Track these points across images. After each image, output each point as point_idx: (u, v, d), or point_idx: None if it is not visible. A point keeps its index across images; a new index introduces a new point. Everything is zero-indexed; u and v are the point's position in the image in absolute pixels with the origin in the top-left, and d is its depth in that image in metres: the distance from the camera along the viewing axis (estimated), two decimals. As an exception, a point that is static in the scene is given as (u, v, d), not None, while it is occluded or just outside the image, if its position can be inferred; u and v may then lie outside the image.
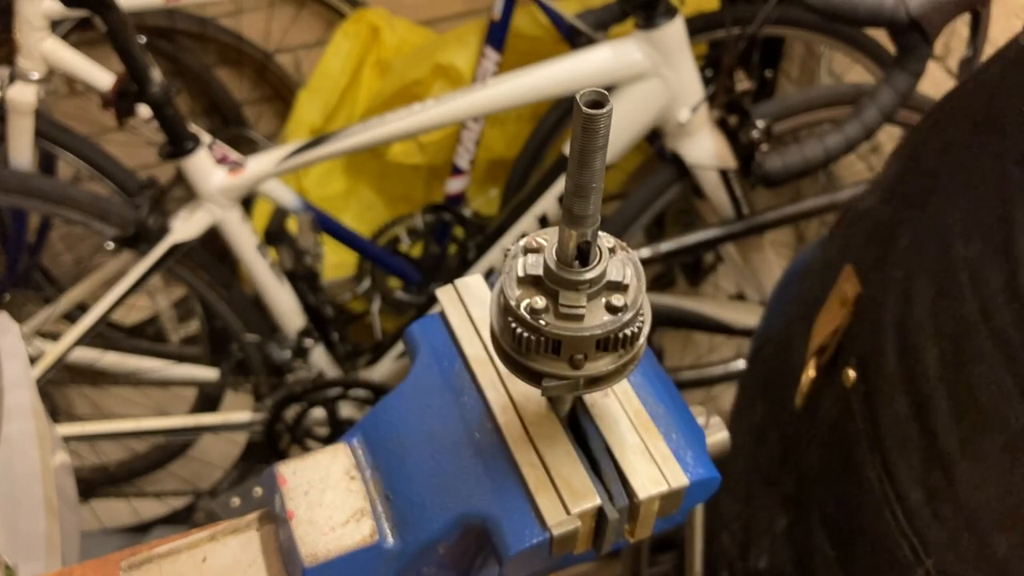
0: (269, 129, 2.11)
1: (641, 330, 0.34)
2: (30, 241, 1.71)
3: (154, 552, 0.42)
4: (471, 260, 1.54)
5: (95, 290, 1.52)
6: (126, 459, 1.81)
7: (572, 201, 0.31)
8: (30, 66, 1.37)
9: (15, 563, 0.60)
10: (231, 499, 1.30)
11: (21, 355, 0.71)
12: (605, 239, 0.34)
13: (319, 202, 1.64)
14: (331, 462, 0.41)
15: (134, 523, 1.75)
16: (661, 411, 0.41)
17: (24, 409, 0.68)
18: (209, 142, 1.34)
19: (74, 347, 1.45)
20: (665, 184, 1.41)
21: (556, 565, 0.41)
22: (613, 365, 0.34)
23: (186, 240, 1.37)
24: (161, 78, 1.25)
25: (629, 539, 0.39)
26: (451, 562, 0.41)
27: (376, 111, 1.65)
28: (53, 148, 1.51)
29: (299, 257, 1.49)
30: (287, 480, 0.40)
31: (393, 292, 1.68)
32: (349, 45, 1.82)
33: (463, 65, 1.70)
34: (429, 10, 2.03)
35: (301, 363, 1.56)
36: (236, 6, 1.91)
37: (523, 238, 0.35)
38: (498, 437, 0.39)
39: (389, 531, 0.39)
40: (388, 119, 1.30)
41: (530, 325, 0.33)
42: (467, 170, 1.79)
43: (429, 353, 0.43)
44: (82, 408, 1.86)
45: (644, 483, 0.37)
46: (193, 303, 1.72)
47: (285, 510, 0.39)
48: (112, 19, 1.17)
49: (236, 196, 1.36)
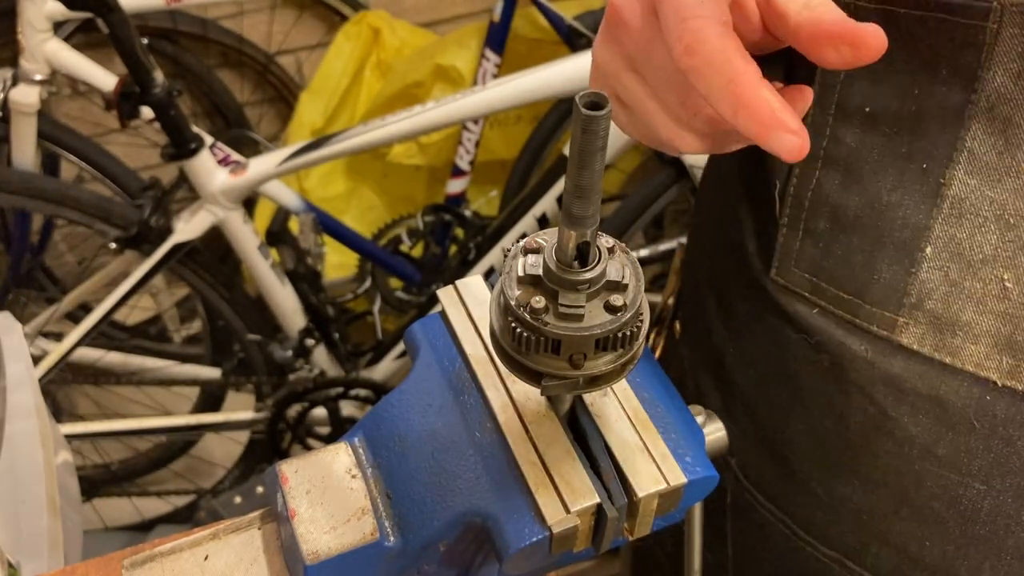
0: (271, 131, 2.11)
1: (640, 329, 0.35)
2: (33, 241, 1.71)
3: (156, 551, 0.42)
4: (471, 260, 1.54)
5: (98, 290, 1.53)
6: (128, 458, 1.81)
7: (571, 202, 0.31)
8: (33, 68, 1.37)
9: (18, 561, 0.60)
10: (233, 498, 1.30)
11: (24, 355, 0.72)
12: (604, 239, 0.34)
13: (320, 203, 1.64)
14: (332, 461, 0.41)
15: (136, 522, 1.76)
16: (660, 410, 0.41)
17: (27, 408, 0.68)
18: (211, 143, 1.34)
19: (77, 347, 1.45)
20: (664, 184, 1.41)
21: (555, 563, 0.41)
22: (612, 364, 0.34)
23: (188, 240, 1.38)
24: (163, 80, 1.25)
25: (628, 537, 0.40)
26: (452, 560, 0.42)
27: (377, 113, 1.66)
28: (56, 149, 1.51)
29: (301, 257, 1.49)
30: (289, 479, 0.41)
31: (394, 292, 1.68)
32: (350, 47, 1.82)
33: (463, 67, 1.70)
34: (430, 12, 2.03)
35: (303, 362, 1.56)
36: (238, 8, 1.91)
37: (523, 238, 0.35)
38: (498, 436, 0.39)
39: (390, 529, 0.39)
40: (389, 120, 1.30)
41: (530, 325, 0.33)
42: (467, 171, 1.79)
43: (430, 353, 0.43)
44: (85, 407, 1.87)
45: (643, 482, 0.37)
46: (195, 303, 1.72)
47: (287, 508, 0.40)
48: (114, 21, 1.18)
49: (238, 197, 1.37)
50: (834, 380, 0.50)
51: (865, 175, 0.46)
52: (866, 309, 0.48)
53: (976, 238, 0.43)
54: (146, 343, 1.85)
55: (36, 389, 0.70)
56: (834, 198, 0.48)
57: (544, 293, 0.34)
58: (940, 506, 0.48)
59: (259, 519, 0.43)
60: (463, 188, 1.81)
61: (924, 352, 0.46)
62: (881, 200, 0.46)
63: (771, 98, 0.34)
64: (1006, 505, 0.47)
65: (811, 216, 0.49)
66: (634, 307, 0.33)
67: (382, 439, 0.41)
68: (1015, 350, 0.44)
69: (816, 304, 0.50)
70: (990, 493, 0.47)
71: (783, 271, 0.52)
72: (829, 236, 0.49)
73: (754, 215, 0.54)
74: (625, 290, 0.34)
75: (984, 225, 0.43)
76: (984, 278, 0.44)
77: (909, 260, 0.45)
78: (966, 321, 0.45)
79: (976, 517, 0.48)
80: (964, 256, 0.44)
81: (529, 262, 0.34)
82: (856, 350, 0.49)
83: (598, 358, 0.34)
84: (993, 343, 0.44)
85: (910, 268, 0.45)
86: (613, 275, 0.34)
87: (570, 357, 0.34)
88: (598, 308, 0.33)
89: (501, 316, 0.35)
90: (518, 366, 0.35)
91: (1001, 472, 0.46)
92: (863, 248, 0.47)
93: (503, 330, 0.35)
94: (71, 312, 1.65)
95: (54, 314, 1.55)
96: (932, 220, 0.44)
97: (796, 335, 0.52)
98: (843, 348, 0.49)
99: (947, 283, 0.45)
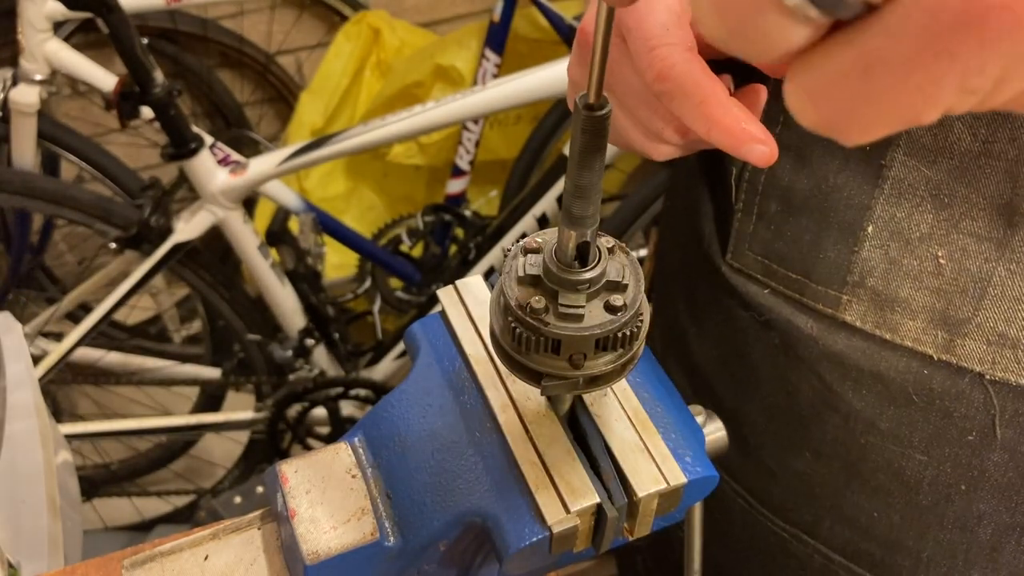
0: (271, 130, 2.11)
1: (640, 329, 0.35)
2: (33, 241, 1.71)
3: (156, 550, 0.42)
4: (471, 260, 1.54)
5: (98, 290, 1.53)
6: (128, 458, 1.81)
7: (571, 202, 0.31)
8: (33, 68, 1.37)
9: (18, 561, 0.60)
10: (233, 497, 1.30)
11: (24, 355, 0.72)
12: (604, 239, 0.34)
13: (320, 203, 1.64)
14: (332, 461, 0.41)
15: (136, 522, 1.76)
16: (660, 410, 0.41)
17: (27, 408, 0.68)
18: (211, 143, 1.34)
19: (77, 347, 1.45)
20: (664, 184, 1.41)
21: (555, 563, 0.41)
22: (612, 364, 0.34)
23: (188, 240, 1.38)
24: (163, 79, 1.25)
25: (628, 537, 0.40)
26: (452, 560, 0.42)
27: (377, 112, 1.66)
28: (56, 149, 1.51)
29: (301, 257, 1.49)
30: (289, 479, 0.41)
31: (394, 292, 1.68)
32: (350, 47, 1.82)
33: (463, 67, 1.70)
34: (430, 12, 2.03)
35: (303, 362, 1.56)
36: (238, 8, 1.91)
37: (523, 238, 0.35)
38: (498, 436, 0.39)
39: (390, 529, 0.39)
40: (389, 120, 1.30)
41: (530, 325, 0.33)
42: (467, 171, 1.79)
43: (430, 352, 0.43)
44: (85, 407, 1.87)
45: (643, 481, 0.38)
46: (195, 303, 1.72)
47: (287, 508, 0.40)
48: (114, 21, 1.18)
49: (238, 197, 1.37)
50: (784, 357, 0.53)
51: (814, 159, 0.49)
52: (812, 288, 0.50)
53: (914, 217, 0.46)
54: (146, 343, 1.85)
55: (36, 389, 0.70)
56: (785, 181, 0.50)
57: (544, 293, 0.34)
58: (885, 478, 0.51)
59: (259, 519, 0.43)
60: (463, 188, 1.81)
61: (866, 329, 0.49)
62: (828, 182, 0.48)
63: (739, 113, 0.37)
64: (945, 474, 0.49)
65: (764, 200, 0.52)
66: (634, 307, 0.33)
67: (382, 439, 0.41)
68: (949, 325, 0.46)
69: (767, 284, 0.53)
70: (931, 464, 0.49)
71: (738, 255, 0.54)
72: (780, 218, 0.51)
73: (713, 202, 0.57)
74: (625, 290, 0.34)
75: (921, 204, 0.45)
76: (920, 255, 0.46)
77: (852, 239, 0.48)
78: (904, 297, 0.47)
79: (919, 487, 0.50)
80: (903, 234, 0.46)
81: (529, 262, 0.34)
82: (803, 328, 0.51)
83: (598, 358, 0.34)
84: (929, 318, 0.47)
85: (853, 247, 0.48)
86: (613, 275, 0.34)
87: (570, 357, 0.34)
88: (598, 308, 0.33)
89: (501, 316, 0.35)
90: (518, 366, 0.35)
91: (940, 443, 0.48)
92: (811, 229, 0.50)
93: (503, 330, 0.35)
94: (71, 312, 1.65)
95: (54, 314, 1.55)
96: (874, 200, 0.47)
97: (747, 314, 0.54)
98: (790, 326, 0.52)
99: (887, 261, 0.47)
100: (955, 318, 0.46)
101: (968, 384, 0.46)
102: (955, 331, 0.46)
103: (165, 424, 1.61)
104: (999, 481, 0.48)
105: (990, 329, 0.45)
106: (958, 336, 0.46)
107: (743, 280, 0.54)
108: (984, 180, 0.43)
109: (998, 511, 0.48)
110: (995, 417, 0.46)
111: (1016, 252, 0.44)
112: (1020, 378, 0.45)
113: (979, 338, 0.46)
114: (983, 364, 0.46)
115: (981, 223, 0.44)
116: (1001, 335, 0.45)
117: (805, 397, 0.52)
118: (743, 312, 0.55)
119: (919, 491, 0.50)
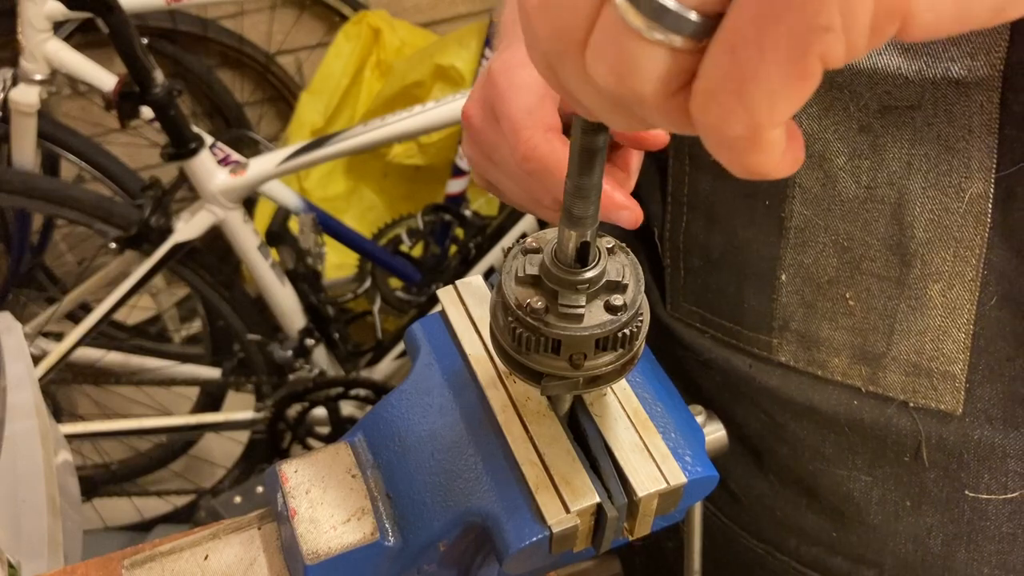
0: (271, 130, 2.11)
1: (640, 329, 0.35)
2: (33, 241, 1.71)
3: (156, 550, 0.42)
4: (471, 260, 1.54)
5: (98, 290, 1.53)
6: (128, 458, 1.81)
7: (572, 202, 0.31)
8: (33, 68, 1.37)
9: (18, 561, 0.60)
10: (233, 497, 1.30)
11: (24, 355, 0.72)
12: (604, 239, 0.34)
13: (320, 203, 1.64)
14: (332, 461, 0.41)
15: (136, 521, 1.76)
16: (660, 410, 0.41)
17: (27, 408, 0.68)
18: (211, 143, 1.34)
19: (77, 347, 1.45)
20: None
21: (555, 562, 0.41)
22: (612, 364, 0.34)
23: (188, 240, 1.38)
24: (163, 79, 1.25)
25: (628, 537, 0.40)
26: (452, 560, 0.42)
27: (377, 112, 1.66)
28: (56, 149, 1.51)
29: (301, 257, 1.49)
30: (289, 478, 0.41)
31: (394, 292, 1.68)
32: (350, 47, 1.82)
33: (463, 67, 1.70)
34: (430, 12, 2.03)
35: (303, 362, 1.56)
36: (238, 8, 1.91)
37: (523, 238, 0.35)
38: (498, 436, 0.39)
39: (390, 529, 0.39)
40: (389, 120, 1.30)
41: (530, 325, 0.33)
42: (467, 171, 1.79)
43: (430, 352, 0.43)
44: (85, 407, 1.86)
45: (643, 481, 0.38)
46: (195, 303, 1.72)
47: (287, 508, 0.40)
48: (114, 21, 1.18)
49: (238, 197, 1.37)
50: (728, 394, 0.55)
51: (722, 216, 0.52)
52: (745, 334, 0.53)
53: (820, 262, 0.48)
54: (146, 343, 1.85)
55: (36, 389, 0.70)
56: (701, 239, 0.53)
57: (544, 293, 0.34)
58: (836, 500, 0.53)
59: (259, 519, 0.43)
60: (463, 188, 1.81)
61: (799, 367, 0.51)
62: (738, 237, 0.51)
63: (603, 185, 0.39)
64: (891, 492, 0.51)
65: (687, 256, 0.55)
66: (634, 307, 0.33)
67: (382, 439, 0.41)
68: (868, 360, 0.49)
69: (705, 331, 0.56)
70: (875, 484, 0.51)
71: (674, 306, 0.57)
72: (704, 272, 0.54)
73: (647, 256, 0.59)
74: (625, 290, 0.34)
75: (824, 250, 0.48)
76: (832, 297, 0.49)
77: (770, 288, 0.51)
78: (825, 337, 0.50)
79: (868, 507, 0.52)
80: (813, 279, 0.49)
81: (529, 262, 0.34)
82: (741, 367, 0.54)
83: (598, 358, 0.34)
84: (851, 354, 0.49)
85: (772, 295, 0.51)
86: (613, 275, 0.34)
87: (570, 357, 0.34)
88: (598, 308, 0.33)
89: (501, 316, 0.35)
90: (518, 366, 0.35)
91: (880, 464, 0.51)
92: (732, 280, 0.52)
93: (503, 330, 0.35)
94: (71, 312, 1.65)
95: (54, 314, 1.55)
96: (781, 250, 0.49)
97: (687, 354, 0.57)
98: (729, 365, 0.54)
99: (804, 305, 0.50)
100: (872, 353, 0.48)
101: (895, 411, 0.49)
102: (875, 364, 0.48)
103: (165, 424, 1.61)
104: (939, 496, 0.50)
105: (904, 361, 0.48)
106: (879, 369, 0.48)
107: (683, 327, 0.57)
108: (873, 224, 0.46)
109: (943, 523, 0.50)
110: (921, 442, 0.49)
111: (913, 288, 0.46)
112: (939, 404, 0.47)
113: (896, 370, 0.48)
114: (905, 393, 0.48)
115: (879, 264, 0.46)
116: (915, 365, 0.47)
117: (754, 429, 0.55)
118: (686, 353, 0.57)
119: (869, 511, 0.52)
